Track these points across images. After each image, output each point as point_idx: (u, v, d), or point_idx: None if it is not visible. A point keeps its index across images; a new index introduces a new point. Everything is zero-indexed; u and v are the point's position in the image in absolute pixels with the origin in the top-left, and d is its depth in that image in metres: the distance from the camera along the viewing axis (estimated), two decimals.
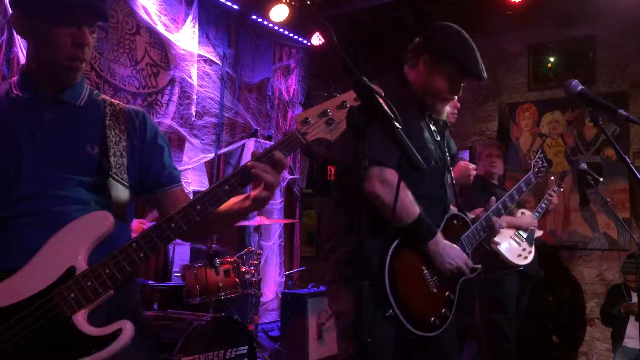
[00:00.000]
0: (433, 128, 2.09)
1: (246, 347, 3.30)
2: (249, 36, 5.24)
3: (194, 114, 4.64)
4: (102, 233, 1.31)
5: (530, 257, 3.85)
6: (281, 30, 5.36)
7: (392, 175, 1.84)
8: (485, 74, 2.05)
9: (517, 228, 3.84)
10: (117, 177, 1.42)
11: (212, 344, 3.13)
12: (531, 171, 2.62)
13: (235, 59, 5.07)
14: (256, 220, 4.25)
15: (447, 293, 2.00)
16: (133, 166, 1.48)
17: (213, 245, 3.63)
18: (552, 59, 5.34)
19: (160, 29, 4.34)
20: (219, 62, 4.87)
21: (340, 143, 1.41)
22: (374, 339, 1.86)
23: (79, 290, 1.22)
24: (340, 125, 1.36)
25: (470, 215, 2.22)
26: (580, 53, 5.16)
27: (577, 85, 1.96)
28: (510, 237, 3.80)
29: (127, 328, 1.22)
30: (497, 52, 5.45)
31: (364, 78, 1.15)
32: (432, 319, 1.92)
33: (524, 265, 3.75)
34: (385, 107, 1.12)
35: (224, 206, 1.39)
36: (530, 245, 3.87)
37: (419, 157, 1.12)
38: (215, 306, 3.59)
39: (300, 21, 5.07)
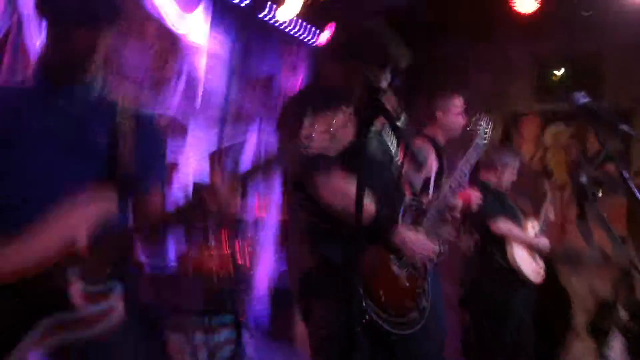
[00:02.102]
0: None
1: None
2: (258, 31, 5.26)
3: (198, 105, 4.67)
4: (105, 212, 1.34)
5: (542, 274, 3.87)
6: (290, 26, 5.38)
7: (337, 179, 1.85)
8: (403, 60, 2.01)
9: (532, 248, 3.86)
10: (123, 166, 1.47)
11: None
12: (476, 139, 2.50)
13: (243, 53, 5.09)
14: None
15: (419, 283, 2.01)
16: (136, 160, 1.54)
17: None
18: (558, 72, 5.35)
19: (169, 20, 4.37)
20: (226, 55, 4.89)
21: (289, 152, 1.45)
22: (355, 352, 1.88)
23: (77, 265, 1.25)
24: (342, 142, 1.40)
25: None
26: (586, 67, 5.17)
27: (582, 97, 1.97)
28: (527, 253, 3.83)
29: (118, 307, 1.23)
30: (503, 62, 5.46)
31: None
32: (411, 314, 1.93)
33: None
34: (388, 106, 1.17)
35: None
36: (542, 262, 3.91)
37: (417, 151, 1.16)
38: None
39: (310, 20, 5.09)
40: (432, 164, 3.12)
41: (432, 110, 3.30)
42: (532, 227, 3.97)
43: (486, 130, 2.51)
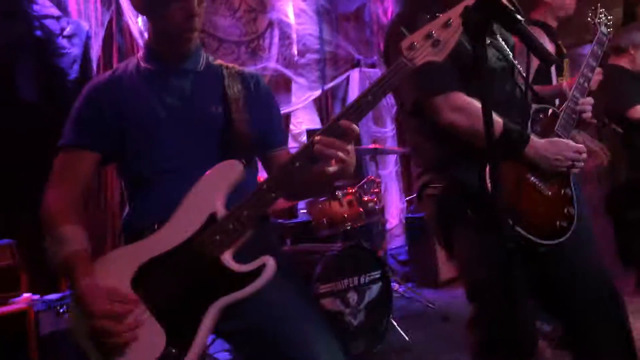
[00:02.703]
0: None
1: (379, 272, 3.42)
2: None
3: (296, 53, 4.68)
4: (235, 180, 1.39)
5: None
6: None
7: (459, 98, 1.74)
8: None
9: None
10: (240, 129, 1.50)
11: (346, 271, 3.28)
12: (598, 29, 2.23)
13: None
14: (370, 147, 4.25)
15: (562, 191, 1.88)
16: (252, 120, 1.56)
17: None
18: None
19: None
20: None
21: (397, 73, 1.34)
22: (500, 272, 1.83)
23: (223, 232, 1.32)
24: (447, 45, 1.29)
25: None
26: None
27: None
28: None
29: (270, 263, 1.31)
30: None
31: None
32: (558, 223, 1.83)
33: None
34: (505, 1, 1.05)
35: (316, 173, 1.35)
36: None
37: (548, 50, 1.04)
38: (343, 236, 3.73)
39: None
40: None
41: None
42: None
43: (608, 21, 2.24)
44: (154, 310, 1.30)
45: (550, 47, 2.91)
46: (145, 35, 3.87)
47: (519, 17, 1.03)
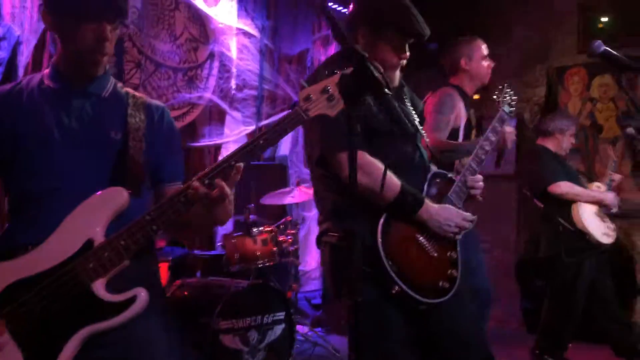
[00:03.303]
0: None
1: (283, 313, 3.43)
2: (288, 7, 5.23)
3: (233, 87, 4.72)
4: (118, 207, 1.40)
5: (614, 235, 3.76)
6: None
7: (361, 157, 1.82)
8: (427, 30, 1.97)
9: (600, 204, 3.74)
10: (134, 158, 1.52)
11: (249, 309, 3.27)
12: (501, 108, 2.41)
13: (273, 31, 5.09)
14: (294, 193, 4.32)
15: (448, 254, 1.99)
16: (148, 152, 1.58)
17: (251, 216, 3.73)
18: (604, 19, 5.06)
19: (199, 3, 4.41)
20: (257, 34, 4.90)
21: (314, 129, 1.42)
22: (385, 324, 1.89)
23: (97, 260, 1.32)
24: (340, 102, 1.38)
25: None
26: (634, 12, 4.87)
27: (600, 45, 1.89)
28: (595, 213, 3.73)
29: (142, 295, 1.31)
30: (545, 12, 5.21)
31: (357, 45, 1.17)
32: (440, 283, 1.92)
33: (608, 245, 3.68)
34: (376, 74, 1.14)
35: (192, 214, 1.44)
36: (612, 222, 3.80)
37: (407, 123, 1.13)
38: (256, 274, 3.72)
39: None
40: (461, 113, 3.04)
41: (456, 58, 3.19)
42: (597, 188, 3.86)
43: (512, 101, 2.42)
44: (14, 333, 1.27)
45: (463, 111, 3.08)
46: None
47: (387, 90, 1.12)
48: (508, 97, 2.41)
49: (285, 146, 5.31)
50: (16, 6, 3.56)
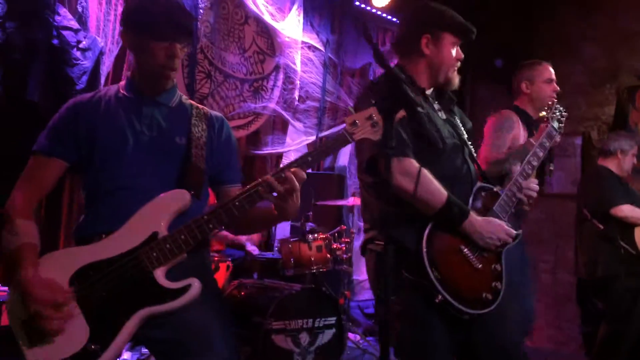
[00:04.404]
0: (437, 107, 2.12)
1: (334, 318, 3.53)
2: (352, 22, 5.37)
3: (297, 98, 4.90)
4: (181, 207, 1.58)
5: None
6: (384, 15, 5.43)
7: (411, 164, 1.90)
8: (473, 27, 2.11)
9: None
10: (196, 164, 1.68)
11: (302, 312, 3.39)
12: (549, 123, 2.38)
13: (337, 45, 5.25)
14: (350, 200, 4.42)
15: (493, 266, 2.01)
16: (209, 158, 1.76)
17: (307, 223, 3.87)
18: None
19: (267, 18, 4.62)
20: (322, 48, 5.07)
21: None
22: (426, 331, 1.95)
23: (160, 251, 1.49)
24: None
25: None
26: None
27: None
28: None
29: (196, 284, 1.47)
30: (616, 32, 5.08)
31: (395, 69, 1.27)
32: (484, 295, 1.95)
33: None
34: (411, 94, 1.24)
35: (259, 211, 1.63)
36: None
37: (437, 137, 1.23)
38: (310, 279, 3.85)
39: (404, 5, 5.10)
40: (519, 135, 3.05)
41: (518, 81, 3.21)
42: None
43: (561, 118, 2.42)
44: (84, 308, 1.45)
45: (522, 132, 3.08)
46: None
47: (419, 108, 1.22)
48: (558, 113, 2.42)
49: (344, 157, 5.43)
50: (100, 19, 3.88)
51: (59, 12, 3.57)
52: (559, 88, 3.21)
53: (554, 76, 3.19)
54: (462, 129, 2.17)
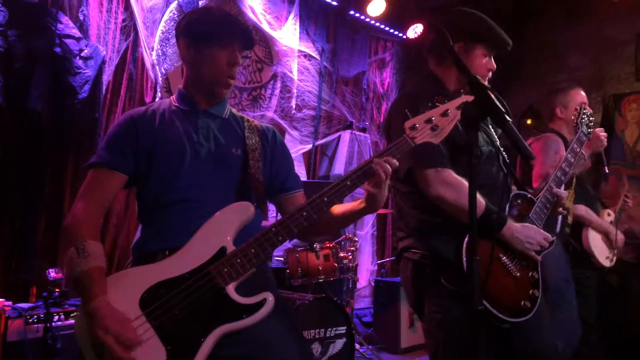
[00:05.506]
0: None
1: (344, 327, 3.51)
2: (346, 31, 5.40)
3: (294, 107, 4.89)
4: (246, 219, 1.54)
5: (614, 261, 3.82)
6: (377, 24, 5.48)
7: (450, 175, 1.92)
8: (510, 41, 2.12)
9: (606, 234, 3.79)
10: (255, 175, 1.66)
11: (313, 322, 3.36)
12: (580, 129, 2.47)
13: (332, 54, 5.27)
14: None
15: (530, 274, 2.04)
16: (265, 169, 1.73)
17: None
18: None
19: (265, 27, 4.61)
20: (317, 57, 5.08)
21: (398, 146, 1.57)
22: (467, 340, 1.96)
23: (231, 266, 1.45)
24: (444, 131, 1.50)
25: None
26: None
27: None
28: (601, 239, 3.77)
29: (270, 299, 1.43)
30: (602, 41, 5.26)
31: (477, 76, 1.28)
32: (523, 303, 1.97)
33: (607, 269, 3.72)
34: (497, 102, 1.25)
35: (341, 208, 1.61)
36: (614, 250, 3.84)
37: (528, 147, 1.23)
38: (314, 288, 3.82)
39: (398, 15, 5.17)
40: (564, 155, 3.16)
41: (552, 106, 3.31)
42: (607, 215, 3.92)
43: (589, 122, 2.49)
44: (158, 329, 1.40)
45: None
46: (157, 69, 4.04)
47: (507, 117, 1.22)
48: (586, 118, 2.48)
49: (340, 165, 5.44)
50: (101, 27, 3.80)
51: (60, 20, 3.49)
52: (591, 110, 3.32)
53: (586, 99, 3.29)
54: (495, 135, 2.20)
